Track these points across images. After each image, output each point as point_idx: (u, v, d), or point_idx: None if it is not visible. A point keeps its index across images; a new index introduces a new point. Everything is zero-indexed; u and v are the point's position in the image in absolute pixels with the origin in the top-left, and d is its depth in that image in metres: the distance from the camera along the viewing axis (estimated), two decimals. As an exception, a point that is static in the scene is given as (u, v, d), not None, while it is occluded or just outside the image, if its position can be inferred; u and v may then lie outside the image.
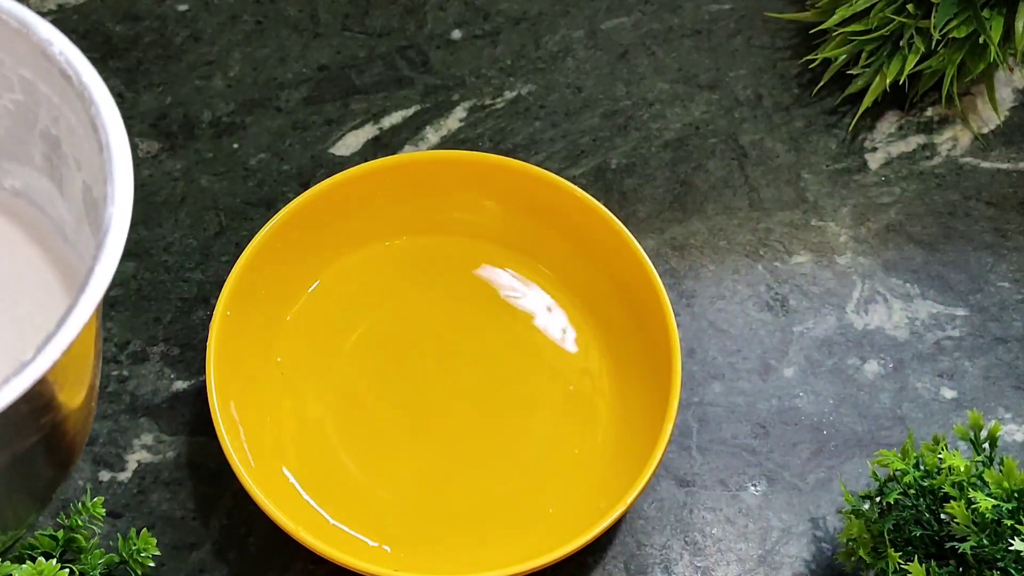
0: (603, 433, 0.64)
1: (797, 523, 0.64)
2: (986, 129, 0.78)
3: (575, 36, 0.82)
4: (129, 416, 0.67)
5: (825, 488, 0.65)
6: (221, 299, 0.63)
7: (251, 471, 0.60)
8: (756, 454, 0.67)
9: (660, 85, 0.80)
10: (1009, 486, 0.53)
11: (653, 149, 0.77)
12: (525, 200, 0.69)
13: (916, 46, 0.74)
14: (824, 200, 0.75)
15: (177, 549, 0.63)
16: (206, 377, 0.62)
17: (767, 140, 0.78)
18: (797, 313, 0.71)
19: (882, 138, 0.78)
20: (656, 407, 0.62)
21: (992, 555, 0.52)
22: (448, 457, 0.64)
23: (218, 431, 0.60)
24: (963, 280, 0.72)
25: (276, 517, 0.58)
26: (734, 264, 0.73)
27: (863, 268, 0.73)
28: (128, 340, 0.69)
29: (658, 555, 0.64)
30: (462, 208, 0.70)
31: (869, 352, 0.70)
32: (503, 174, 0.69)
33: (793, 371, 0.69)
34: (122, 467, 0.65)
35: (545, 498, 0.63)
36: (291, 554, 0.63)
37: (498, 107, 0.78)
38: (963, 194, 0.76)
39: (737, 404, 0.68)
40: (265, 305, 0.66)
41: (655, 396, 0.62)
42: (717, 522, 0.65)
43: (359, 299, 0.69)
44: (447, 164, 0.69)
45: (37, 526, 0.62)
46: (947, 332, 0.71)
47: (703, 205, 0.75)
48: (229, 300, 0.64)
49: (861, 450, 0.67)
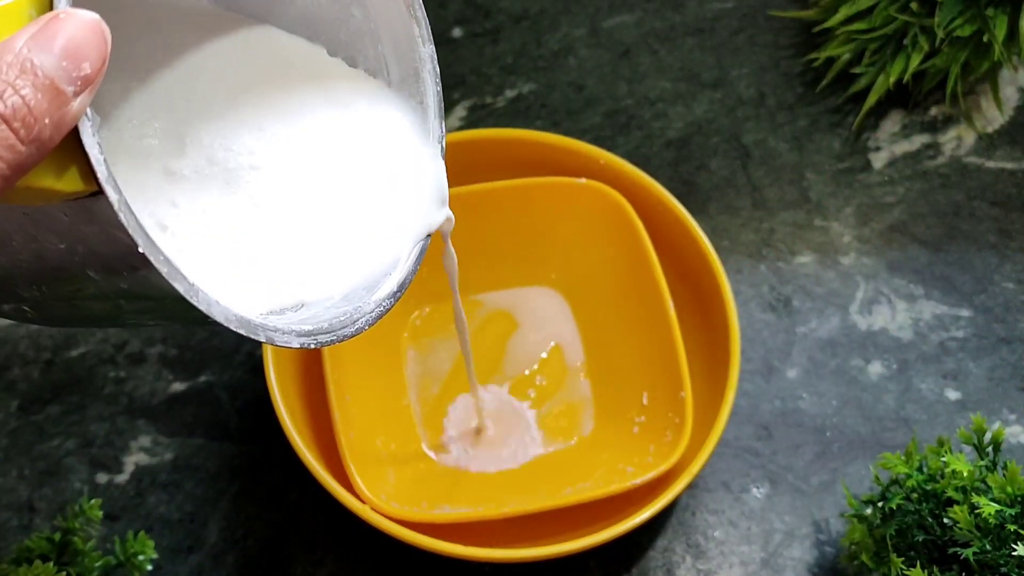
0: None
1: (800, 526, 0.64)
2: (990, 128, 0.78)
3: (577, 34, 0.81)
4: (127, 418, 0.66)
5: (828, 490, 0.65)
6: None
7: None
8: (759, 456, 0.66)
9: (662, 84, 0.79)
10: (1013, 491, 0.52)
11: (655, 148, 0.77)
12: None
13: (920, 45, 0.74)
14: (827, 200, 0.75)
15: (175, 552, 0.63)
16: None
17: (770, 139, 0.77)
18: (800, 314, 0.71)
19: (886, 137, 0.77)
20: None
21: (995, 560, 0.51)
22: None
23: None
24: (967, 280, 0.72)
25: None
26: (737, 264, 0.72)
27: (867, 268, 0.72)
28: (126, 341, 0.69)
29: (660, 558, 0.63)
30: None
31: (873, 353, 0.69)
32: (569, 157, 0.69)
33: (796, 372, 0.69)
34: (119, 469, 0.65)
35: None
36: (289, 556, 0.62)
37: (499, 106, 0.78)
38: (967, 194, 0.75)
39: (740, 406, 0.67)
40: None
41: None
42: (720, 524, 0.64)
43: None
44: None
45: (34, 528, 0.62)
46: (951, 333, 0.70)
47: (706, 205, 0.74)
48: None
49: (865, 452, 0.66)
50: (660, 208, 0.66)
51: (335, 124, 0.43)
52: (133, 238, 0.30)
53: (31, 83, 0.28)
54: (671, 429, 0.61)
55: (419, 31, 0.45)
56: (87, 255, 0.31)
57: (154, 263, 0.30)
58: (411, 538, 0.56)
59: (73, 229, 0.31)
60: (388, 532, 0.57)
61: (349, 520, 0.63)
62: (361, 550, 0.63)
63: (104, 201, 0.29)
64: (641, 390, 0.65)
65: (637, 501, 0.61)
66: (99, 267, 0.32)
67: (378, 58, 0.45)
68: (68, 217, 0.31)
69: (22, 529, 0.63)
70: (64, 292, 0.34)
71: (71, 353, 0.69)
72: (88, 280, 0.32)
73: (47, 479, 0.65)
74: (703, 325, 0.64)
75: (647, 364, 0.65)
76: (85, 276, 0.32)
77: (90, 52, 0.29)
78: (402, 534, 0.56)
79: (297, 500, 0.64)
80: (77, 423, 0.66)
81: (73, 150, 0.29)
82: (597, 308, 0.69)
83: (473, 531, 0.61)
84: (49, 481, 0.65)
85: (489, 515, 0.60)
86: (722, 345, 0.62)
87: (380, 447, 0.64)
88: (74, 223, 0.31)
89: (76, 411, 0.67)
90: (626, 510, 0.59)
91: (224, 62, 0.43)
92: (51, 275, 0.33)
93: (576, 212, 0.68)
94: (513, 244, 0.69)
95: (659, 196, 0.66)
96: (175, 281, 0.31)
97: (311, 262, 0.41)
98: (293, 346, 0.37)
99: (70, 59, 0.28)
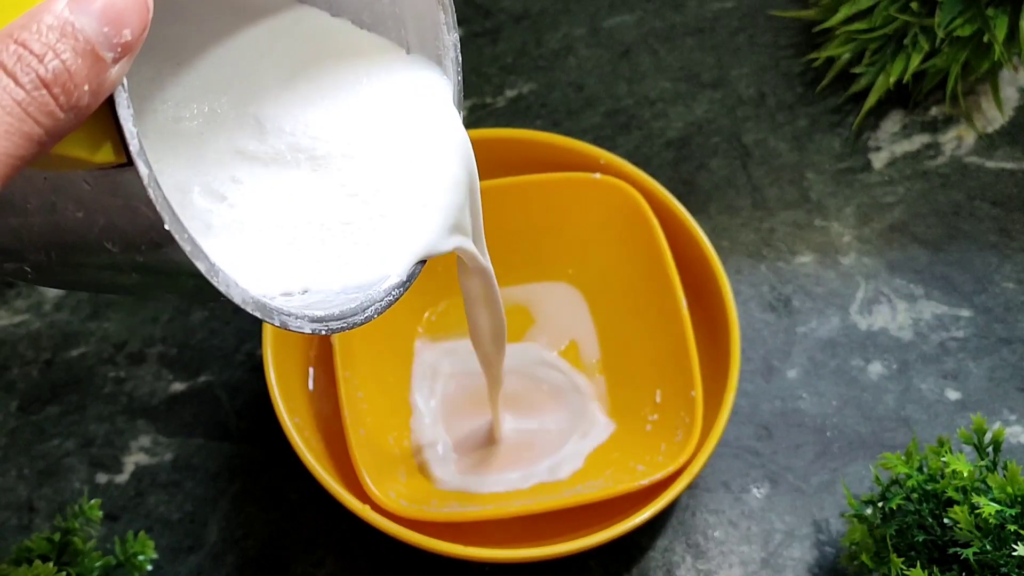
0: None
1: (800, 526, 0.64)
2: (991, 128, 0.78)
3: (577, 34, 0.81)
4: (126, 418, 0.66)
5: (828, 490, 0.65)
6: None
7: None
8: (759, 456, 0.66)
9: (662, 84, 0.79)
10: (1013, 491, 0.52)
11: (655, 148, 0.77)
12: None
13: (920, 45, 0.74)
14: (828, 200, 0.75)
15: (175, 552, 0.63)
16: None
17: (770, 139, 0.77)
18: (800, 314, 0.71)
19: (886, 137, 0.77)
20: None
21: (995, 561, 0.51)
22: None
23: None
24: (968, 281, 0.72)
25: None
26: (737, 264, 0.72)
27: (867, 268, 0.72)
28: (125, 341, 0.69)
29: (660, 558, 0.63)
30: None
31: (873, 353, 0.69)
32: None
33: (796, 372, 0.69)
34: (119, 469, 0.65)
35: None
36: (289, 557, 0.62)
37: (499, 106, 0.78)
38: (968, 194, 0.75)
39: (740, 405, 0.67)
40: None
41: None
42: (720, 524, 0.64)
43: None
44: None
45: (34, 528, 0.62)
46: (951, 333, 0.70)
47: (706, 205, 0.74)
48: None
49: (865, 452, 0.66)
50: (660, 208, 0.66)
51: (383, 105, 0.43)
52: (160, 214, 0.29)
53: (71, 47, 0.27)
54: (682, 428, 0.61)
55: (445, 18, 0.45)
56: (106, 227, 0.31)
57: (179, 241, 0.30)
58: (411, 538, 0.56)
59: (95, 199, 0.30)
60: (388, 532, 0.57)
61: (349, 520, 0.63)
62: (361, 550, 0.63)
63: (131, 174, 0.29)
64: (655, 388, 0.64)
65: (637, 501, 0.61)
66: (117, 240, 0.31)
67: (400, 42, 0.45)
68: (91, 187, 0.30)
69: (22, 529, 0.63)
70: (74, 260, 0.34)
71: (71, 353, 0.69)
72: (103, 251, 0.32)
73: (47, 479, 0.65)
74: (703, 325, 0.64)
75: (661, 362, 0.65)
76: (100, 247, 0.32)
77: (131, 18, 0.28)
78: (402, 534, 0.56)
79: (297, 500, 0.64)
80: (77, 423, 0.66)
81: (105, 120, 0.28)
82: (613, 304, 0.68)
83: (473, 531, 0.61)
84: (49, 481, 0.65)
85: (501, 514, 0.60)
86: (722, 345, 0.62)
87: (392, 444, 0.64)
88: (97, 193, 0.30)
89: (76, 411, 0.67)
90: (627, 511, 0.59)
91: (271, 43, 0.43)
92: (64, 242, 0.33)
93: (592, 207, 0.67)
94: (529, 239, 0.69)
95: (659, 196, 0.66)
96: (197, 260, 0.31)
97: (331, 247, 0.41)
98: (305, 331, 0.37)
99: (111, 24, 0.27)
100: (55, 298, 0.70)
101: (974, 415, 0.57)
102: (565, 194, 0.68)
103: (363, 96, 0.43)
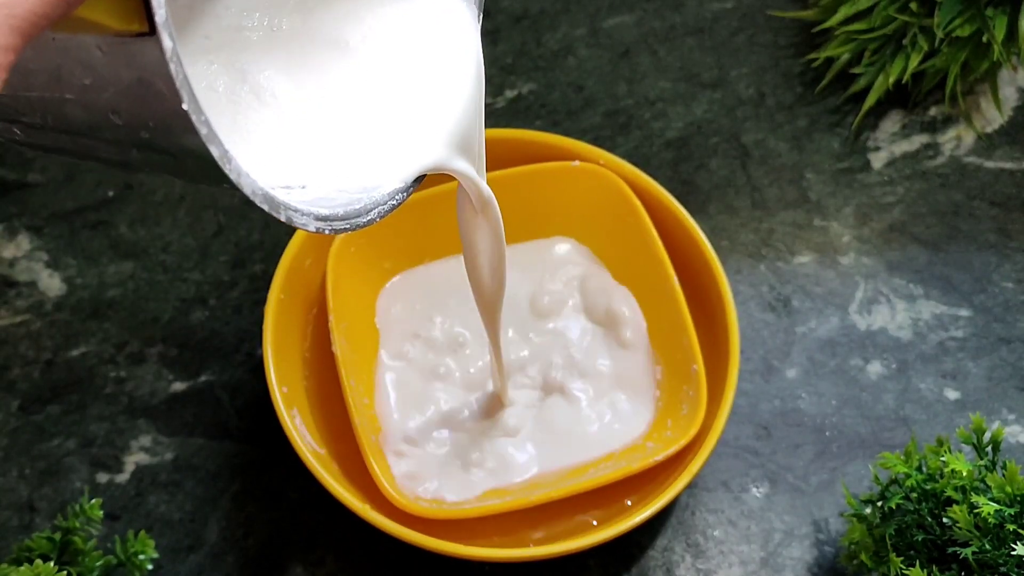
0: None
1: (800, 525, 0.64)
2: (990, 128, 0.78)
3: (576, 34, 0.81)
4: (127, 417, 0.66)
5: (828, 490, 0.65)
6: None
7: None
8: (759, 455, 0.66)
9: (662, 84, 0.79)
10: (1012, 490, 0.52)
11: (655, 148, 0.77)
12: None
13: (919, 45, 0.74)
14: (827, 200, 0.75)
15: (175, 551, 0.63)
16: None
17: (770, 139, 0.77)
18: (800, 314, 0.71)
19: (885, 137, 0.77)
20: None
21: (994, 560, 0.51)
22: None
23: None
24: (967, 280, 0.72)
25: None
26: (736, 264, 0.72)
27: (866, 268, 0.72)
28: (126, 341, 0.69)
29: (660, 557, 0.63)
30: None
31: (872, 353, 0.69)
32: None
33: (796, 372, 0.69)
34: (120, 469, 0.65)
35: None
36: (289, 556, 0.62)
37: (499, 106, 0.78)
38: (967, 194, 0.75)
39: (739, 405, 0.67)
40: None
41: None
42: (719, 524, 0.64)
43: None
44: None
45: (34, 528, 0.62)
46: (951, 333, 0.70)
47: (705, 205, 0.74)
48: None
49: (864, 451, 0.66)
50: (660, 208, 0.66)
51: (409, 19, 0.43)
52: (179, 92, 0.28)
53: None
54: (687, 402, 0.62)
55: None
56: (114, 98, 0.29)
57: (195, 123, 0.29)
58: (411, 537, 0.56)
59: (107, 67, 0.29)
60: (388, 532, 0.57)
61: (349, 520, 0.63)
62: (361, 550, 0.63)
63: (152, 46, 0.27)
64: (654, 366, 0.65)
65: (638, 502, 0.61)
66: (124, 113, 0.30)
67: None
68: (104, 53, 0.29)
69: (22, 529, 0.63)
70: (71, 127, 0.32)
71: (71, 353, 0.69)
72: (105, 123, 0.30)
73: (47, 479, 0.65)
74: (702, 324, 0.64)
75: (658, 340, 0.65)
76: (104, 119, 0.30)
77: None
78: (402, 533, 0.56)
79: (297, 500, 0.64)
80: (77, 423, 0.66)
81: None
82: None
83: (474, 530, 0.61)
84: (49, 481, 0.65)
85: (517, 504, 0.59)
86: (721, 345, 0.62)
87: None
88: (109, 62, 0.29)
89: (76, 411, 0.67)
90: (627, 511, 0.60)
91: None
92: (63, 108, 0.31)
93: (575, 195, 0.68)
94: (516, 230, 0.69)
95: (659, 196, 0.66)
96: (211, 144, 0.29)
97: (336, 146, 0.40)
98: (310, 229, 0.36)
99: None
100: (55, 298, 0.70)
101: (973, 415, 0.57)
102: (545, 184, 0.68)
103: (393, 10, 0.43)
